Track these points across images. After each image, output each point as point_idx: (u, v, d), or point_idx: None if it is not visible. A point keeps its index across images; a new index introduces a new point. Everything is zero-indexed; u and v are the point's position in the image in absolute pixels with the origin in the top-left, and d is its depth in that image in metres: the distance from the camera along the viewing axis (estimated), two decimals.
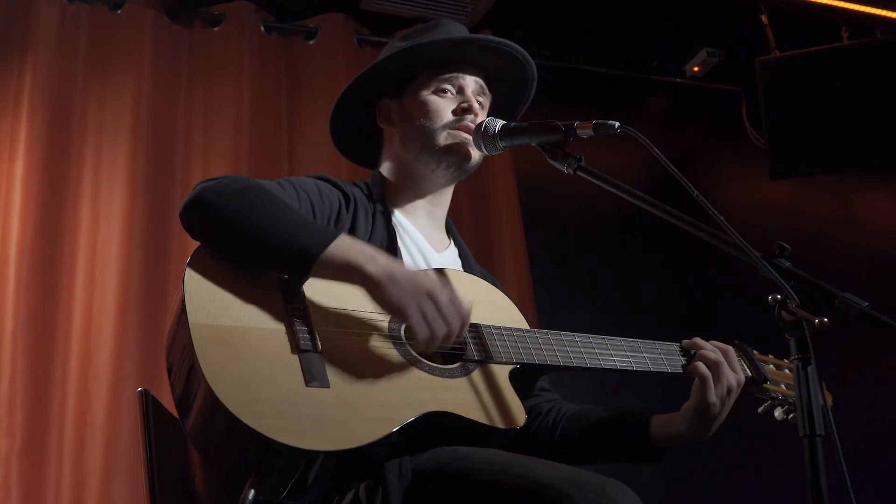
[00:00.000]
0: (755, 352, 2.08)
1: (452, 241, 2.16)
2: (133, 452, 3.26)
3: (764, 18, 4.24)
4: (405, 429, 1.63)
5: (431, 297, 1.67)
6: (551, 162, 1.85)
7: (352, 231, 1.92)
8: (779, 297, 1.51)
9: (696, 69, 4.79)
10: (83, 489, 3.28)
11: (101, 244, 3.58)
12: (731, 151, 4.88)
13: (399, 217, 2.07)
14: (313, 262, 1.67)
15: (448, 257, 2.10)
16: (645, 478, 4.17)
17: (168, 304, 3.53)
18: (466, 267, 2.11)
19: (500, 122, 1.96)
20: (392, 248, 1.95)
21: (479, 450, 1.72)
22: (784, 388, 2.08)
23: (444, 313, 1.67)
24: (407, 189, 2.11)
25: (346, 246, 1.70)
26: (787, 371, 2.12)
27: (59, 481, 3.26)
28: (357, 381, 1.65)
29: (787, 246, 1.58)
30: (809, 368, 1.48)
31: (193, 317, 1.62)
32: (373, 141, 2.20)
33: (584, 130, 1.81)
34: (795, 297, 1.51)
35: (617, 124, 1.77)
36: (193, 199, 1.75)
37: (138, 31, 3.84)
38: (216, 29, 4.01)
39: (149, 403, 1.86)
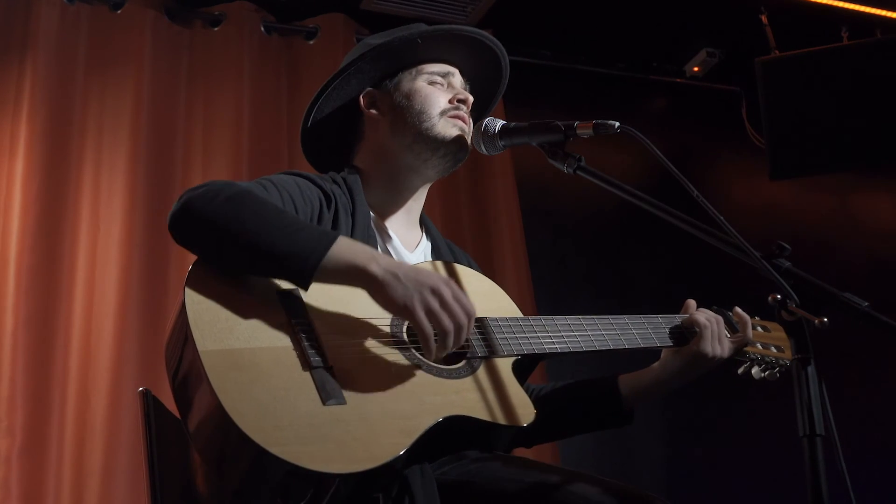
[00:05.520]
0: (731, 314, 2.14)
1: (425, 235, 2.14)
2: (133, 452, 3.26)
3: (764, 18, 4.25)
4: (423, 436, 1.62)
5: (435, 293, 1.65)
6: (551, 162, 1.86)
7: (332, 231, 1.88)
8: (779, 297, 1.51)
9: (695, 69, 4.79)
10: (83, 489, 3.28)
11: (101, 244, 3.57)
12: (731, 151, 4.88)
13: (375, 216, 2.04)
14: (316, 266, 1.63)
15: (419, 256, 2.08)
16: (645, 479, 4.19)
17: (168, 303, 3.53)
18: (442, 258, 2.08)
19: (500, 122, 1.96)
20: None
21: (507, 459, 1.72)
22: (760, 347, 2.13)
23: (450, 308, 1.65)
24: (388, 183, 2.07)
25: (346, 247, 1.66)
26: (759, 329, 2.17)
27: (59, 481, 3.25)
28: (370, 392, 1.63)
29: (786, 246, 1.58)
30: (809, 368, 1.48)
31: (202, 344, 1.58)
32: (341, 142, 2.15)
33: (584, 130, 1.82)
34: (795, 296, 1.51)
35: (617, 124, 1.77)
36: (181, 209, 1.68)
37: (138, 31, 3.83)
38: (216, 29, 4.01)
39: (150, 403, 1.86)
